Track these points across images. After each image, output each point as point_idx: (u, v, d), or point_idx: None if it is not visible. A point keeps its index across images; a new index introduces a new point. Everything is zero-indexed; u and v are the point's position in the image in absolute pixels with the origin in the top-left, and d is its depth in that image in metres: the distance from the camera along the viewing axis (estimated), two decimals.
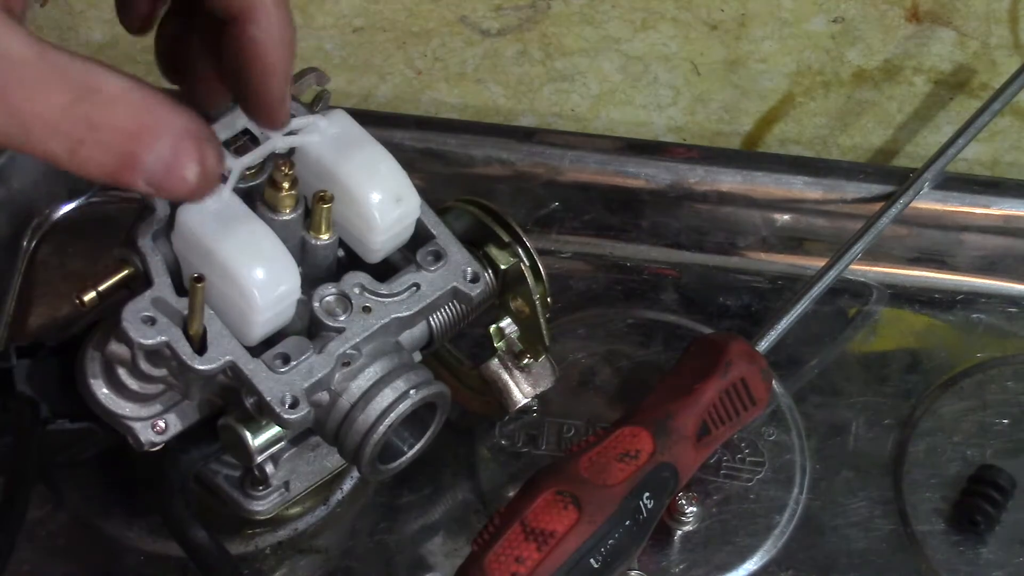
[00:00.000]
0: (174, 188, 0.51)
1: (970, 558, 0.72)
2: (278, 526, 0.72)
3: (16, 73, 0.47)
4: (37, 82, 0.47)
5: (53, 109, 0.47)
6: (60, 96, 0.47)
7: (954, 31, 0.87)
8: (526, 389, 0.72)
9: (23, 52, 0.47)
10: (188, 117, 0.51)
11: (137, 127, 0.49)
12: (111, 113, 0.48)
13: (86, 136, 0.48)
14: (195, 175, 0.51)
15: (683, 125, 0.90)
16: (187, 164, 0.50)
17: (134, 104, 0.49)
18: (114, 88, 0.49)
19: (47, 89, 0.47)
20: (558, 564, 0.64)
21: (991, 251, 0.83)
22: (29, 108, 0.47)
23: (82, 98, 0.48)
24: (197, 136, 0.51)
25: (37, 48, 0.47)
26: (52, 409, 0.67)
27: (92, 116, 0.48)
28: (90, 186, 0.83)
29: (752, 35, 0.87)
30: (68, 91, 0.48)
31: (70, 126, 0.48)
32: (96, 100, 0.48)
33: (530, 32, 0.87)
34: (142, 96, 0.49)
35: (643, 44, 0.87)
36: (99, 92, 0.48)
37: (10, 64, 0.47)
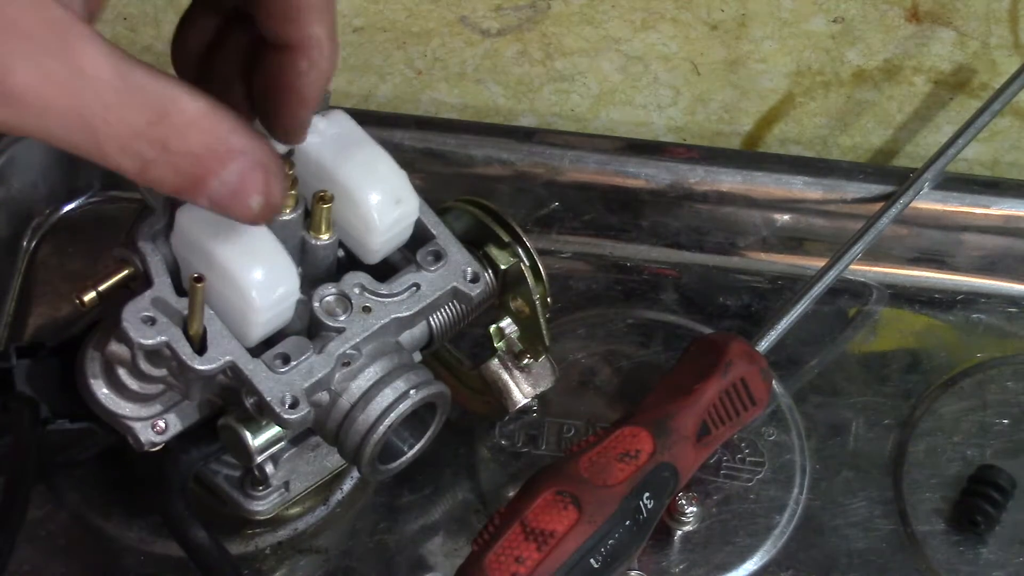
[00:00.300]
0: (236, 213, 0.52)
1: (970, 558, 0.72)
2: (278, 526, 0.72)
3: (94, 91, 0.47)
4: (115, 102, 0.47)
5: (128, 129, 0.48)
6: (136, 117, 0.48)
7: (954, 31, 0.87)
8: (526, 389, 0.72)
9: (103, 70, 0.47)
10: (259, 146, 0.51)
11: (209, 152, 0.50)
12: (184, 137, 0.49)
13: (158, 157, 0.49)
14: (258, 205, 0.52)
15: (683, 125, 0.90)
16: (252, 194, 0.51)
17: (208, 129, 0.49)
18: (190, 111, 0.49)
19: (124, 110, 0.47)
20: (558, 564, 0.64)
21: (991, 251, 0.83)
22: (104, 127, 0.47)
23: (158, 120, 0.48)
24: (265, 167, 0.51)
25: (117, 65, 0.47)
26: (52, 409, 0.67)
27: (166, 139, 0.49)
28: (90, 186, 0.83)
29: (752, 35, 0.87)
30: (145, 112, 0.48)
31: (143, 147, 0.48)
32: (171, 123, 0.48)
33: (530, 32, 0.87)
34: (217, 121, 0.50)
35: (643, 44, 0.88)
36: (175, 115, 0.49)
37: (89, 82, 0.47)
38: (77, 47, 0.46)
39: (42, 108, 0.46)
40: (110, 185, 0.83)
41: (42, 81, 0.46)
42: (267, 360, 0.60)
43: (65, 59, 0.46)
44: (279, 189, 0.52)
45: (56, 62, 0.46)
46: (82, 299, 0.61)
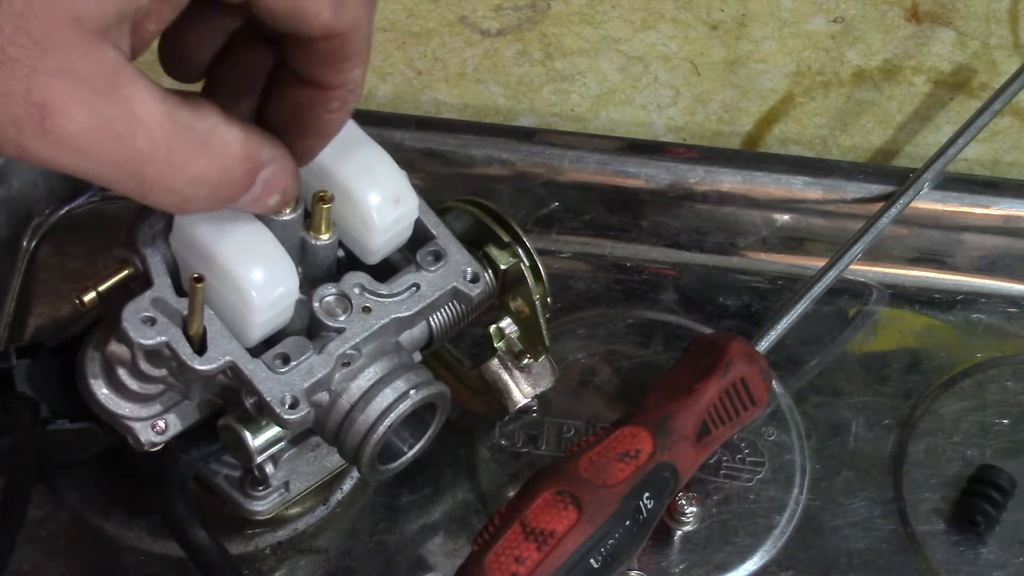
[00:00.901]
0: (256, 210, 0.55)
1: (970, 558, 0.72)
2: (278, 526, 0.72)
3: (146, 135, 0.47)
4: (163, 145, 0.48)
5: (174, 171, 0.49)
6: (182, 158, 0.49)
7: (954, 31, 0.87)
8: (526, 389, 0.72)
9: (153, 112, 0.48)
10: (280, 152, 0.53)
11: (244, 178, 0.52)
12: (223, 170, 0.51)
13: (197, 193, 0.50)
14: (276, 202, 0.55)
15: (683, 125, 0.90)
16: (273, 196, 0.54)
17: (243, 158, 0.51)
18: (231, 144, 0.51)
19: (171, 152, 0.48)
20: (558, 564, 0.64)
21: (991, 251, 0.83)
22: (152, 171, 0.48)
23: (200, 158, 0.49)
24: (286, 169, 0.54)
25: (164, 104, 0.48)
26: (52, 409, 0.67)
27: (204, 175, 0.50)
28: (90, 186, 0.83)
29: (752, 35, 0.87)
30: (190, 152, 0.49)
31: (185, 185, 0.50)
32: (212, 157, 0.50)
33: (530, 32, 0.87)
34: (251, 146, 0.52)
35: (643, 44, 0.87)
36: (217, 149, 0.50)
37: (140, 126, 0.47)
38: (128, 90, 0.47)
39: (94, 153, 0.47)
40: None
41: (97, 127, 0.46)
42: (267, 360, 0.60)
43: (117, 103, 0.47)
44: (295, 187, 0.55)
45: (110, 107, 0.46)
46: (82, 299, 0.61)
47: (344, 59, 0.53)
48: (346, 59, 0.53)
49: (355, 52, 0.53)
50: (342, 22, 0.52)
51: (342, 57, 0.53)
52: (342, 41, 0.52)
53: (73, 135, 0.46)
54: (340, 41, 0.52)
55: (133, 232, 0.61)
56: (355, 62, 0.54)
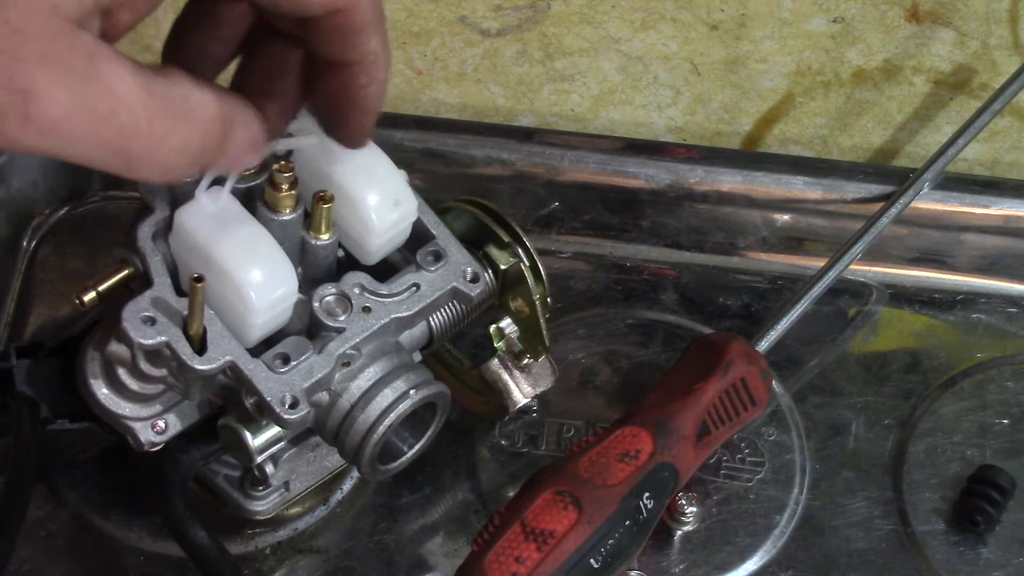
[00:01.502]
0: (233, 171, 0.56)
1: (970, 558, 0.72)
2: (278, 526, 0.72)
3: (126, 111, 0.48)
4: (144, 118, 0.48)
5: (155, 141, 0.49)
6: (163, 128, 0.49)
7: (954, 31, 0.87)
8: (526, 389, 0.72)
9: (130, 87, 0.48)
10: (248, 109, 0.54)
11: (222, 139, 0.52)
12: (203, 133, 0.51)
13: (177, 162, 0.50)
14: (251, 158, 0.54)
15: (683, 125, 0.90)
16: (247, 153, 0.54)
17: (220, 119, 0.51)
18: (208, 107, 0.51)
19: (152, 124, 0.49)
20: (558, 564, 0.64)
21: (991, 251, 0.83)
22: (136, 147, 0.49)
23: (178, 126, 0.50)
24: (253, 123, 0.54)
25: (140, 80, 0.48)
26: (52, 409, 0.67)
27: (186, 143, 0.50)
28: (90, 186, 0.83)
29: (752, 35, 0.87)
30: (170, 121, 0.49)
31: (168, 157, 0.50)
32: (191, 123, 0.50)
33: (530, 32, 0.87)
34: (225, 108, 0.52)
35: (643, 44, 0.87)
36: (194, 113, 0.50)
37: (120, 103, 0.48)
38: (105, 69, 0.47)
39: (79, 135, 0.47)
40: (110, 185, 0.83)
41: (79, 109, 0.47)
42: (267, 360, 0.60)
43: (97, 83, 0.47)
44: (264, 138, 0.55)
45: (90, 88, 0.47)
46: (82, 299, 0.61)
47: (355, 33, 0.54)
48: (357, 32, 0.54)
49: (365, 24, 0.53)
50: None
51: (352, 31, 0.53)
52: (346, 16, 0.53)
53: (57, 119, 0.46)
54: (345, 16, 0.53)
55: (133, 232, 0.61)
56: (369, 33, 0.54)
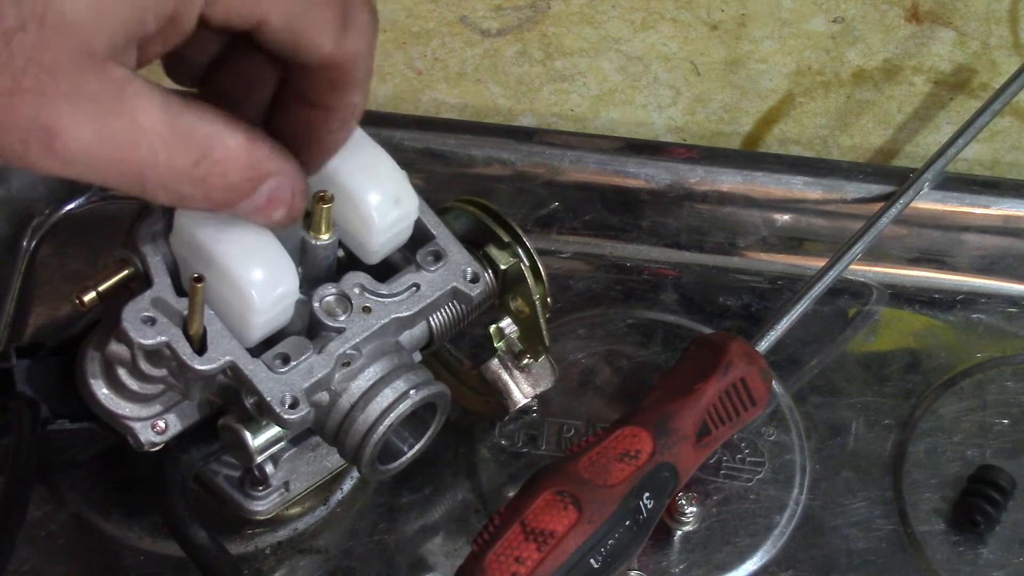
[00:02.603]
0: (260, 221, 0.56)
1: (970, 558, 0.72)
2: (278, 526, 0.72)
3: (147, 142, 0.49)
4: (163, 149, 0.49)
5: (173, 173, 0.50)
6: (182, 160, 0.50)
7: (954, 31, 0.87)
8: (526, 389, 0.72)
9: (156, 120, 0.49)
10: (289, 166, 0.54)
11: (242, 184, 0.52)
12: (222, 174, 0.51)
13: (195, 192, 0.51)
14: (281, 216, 0.55)
15: (683, 125, 0.90)
16: (277, 209, 0.54)
17: (245, 164, 0.52)
18: (231, 149, 0.51)
19: (172, 155, 0.50)
20: (558, 564, 0.64)
21: (991, 251, 0.83)
22: (151, 173, 0.49)
23: (199, 162, 0.50)
24: (293, 185, 0.54)
25: (167, 111, 0.49)
26: (52, 409, 0.67)
27: (205, 178, 0.51)
28: (90, 187, 0.83)
29: (752, 35, 0.87)
30: (189, 156, 0.50)
31: (184, 186, 0.51)
32: (211, 162, 0.51)
33: (530, 32, 0.87)
34: (254, 155, 0.52)
35: (643, 44, 0.87)
36: (216, 154, 0.51)
37: (143, 134, 0.49)
38: (133, 103, 0.48)
39: (98, 165, 0.48)
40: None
41: (102, 142, 0.48)
42: (267, 360, 0.60)
43: (122, 116, 0.48)
44: (302, 202, 0.55)
45: (115, 120, 0.48)
46: (82, 299, 0.61)
47: (344, 86, 0.54)
48: (345, 86, 0.54)
49: (356, 80, 0.54)
50: (343, 54, 0.53)
51: (342, 85, 0.54)
52: (342, 71, 0.54)
53: (77, 152, 0.48)
54: (341, 71, 0.54)
55: (133, 232, 0.61)
56: (356, 89, 0.55)
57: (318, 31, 0.52)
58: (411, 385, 0.63)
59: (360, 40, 0.53)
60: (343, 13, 0.52)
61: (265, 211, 0.54)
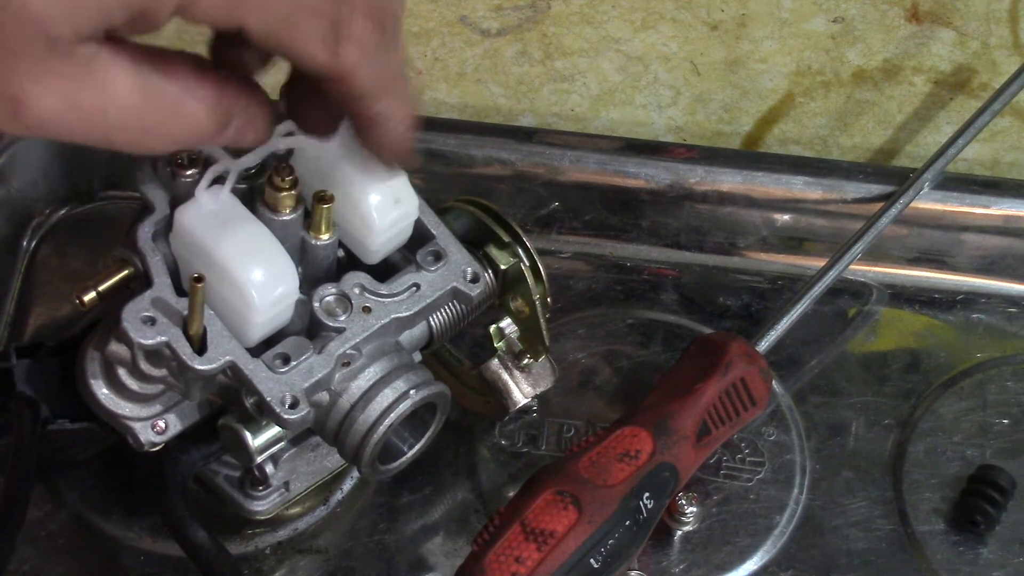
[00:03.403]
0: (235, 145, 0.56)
1: (970, 558, 0.72)
2: (278, 526, 0.72)
3: (115, 106, 0.49)
4: (132, 114, 0.50)
5: (140, 132, 0.51)
6: (150, 121, 0.51)
7: (954, 31, 0.87)
8: (526, 389, 0.72)
9: (124, 88, 0.49)
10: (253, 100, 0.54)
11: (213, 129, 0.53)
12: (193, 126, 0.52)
13: (165, 145, 0.52)
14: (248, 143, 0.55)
15: (683, 125, 0.90)
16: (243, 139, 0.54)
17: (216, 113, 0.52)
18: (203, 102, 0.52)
19: (140, 119, 0.50)
20: (558, 564, 0.64)
21: (991, 251, 0.83)
22: (119, 134, 0.50)
23: (168, 119, 0.51)
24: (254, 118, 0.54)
25: (137, 79, 0.50)
26: (52, 409, 0.67)
27: (174, 132, 0.52)
28: (90, 187, 0.83)
29: (752, 35, 0.87)
30: (158, 115, 0.51)
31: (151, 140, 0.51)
32: (180, 117, 0.51)
33: (530, 32, 0.87)
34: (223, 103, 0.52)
35: (643, 44, 0.87)
36: (185, 109, 0.51)
37: (110, 99, 0.49)
38: (101, 73, 0.49)
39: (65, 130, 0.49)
40: (110, 185, 0.83)
41: (68, 110, 0.48)
42: (267, 360, 0.60)
43: (89, 86, 0.49)
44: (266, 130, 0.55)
45: (82, 90, 0.48)
46: (82, 299, 0.61)
47: (354, 98, 0.54)
48: (358, 97, 0.54)
49: (364, 91, 0.53)
50: (339, 66, 0.52)
51: (352, 96, 0.54)
52: (343, 83, 0.53)
53: (44, 119, 0.48)
54: (341, 83, 0.53)
55: (133, 232, 0.61)
56: (371, 99, 0.54)
57: (305, 41, 0.51)
58: (411, 385, 0.63)
59: (357, 52, 0.52)
60: (335, 25, 0.51)
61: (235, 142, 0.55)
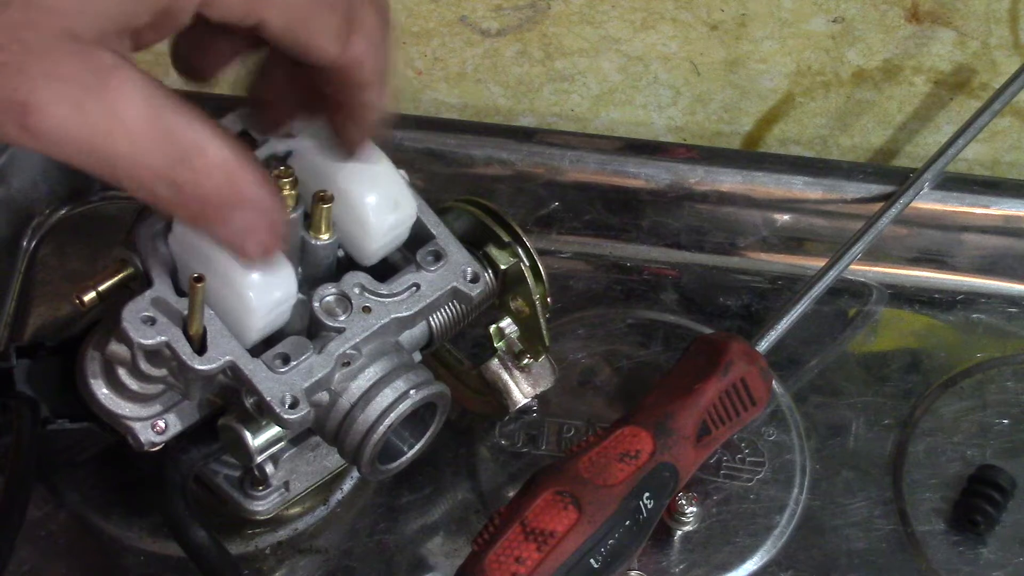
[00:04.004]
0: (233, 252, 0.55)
1: (970, 558, 0.72)
2: (278, 526, 0.72)
3: (124, 131, 0.48)
4: (142, 146, 0.49)
5: (147, 170, 0.49)
6: (159, 161, 0.49)
7: (954, 31, 0.87)
8: (526, 389, 0.72)
9: (136, 111, 0.48)
10: (269, 197, 0.53)
11: (217, 200, 0.51)
12: (197, 184, 0.50)
13: (169, 196, 0.50)
14: (255, 251, 0.54)
15: (683, 125, 0.90)
16: (251, 241, 0.53)
17: (224, 180, 0.51)
18: (212, 158, 0.50)
19: (149, 154, 0.49)
20: (558, 564, 0.64)
21: (991, 251, 0.83)
22: (127, 166, 0.49)
23: (178, 164, 0.50)
24: (271, 219, 0.53)
25: (151, 106, 0.49)
26: (52, 409, 0.67)
27: (180, 184, 0.50)
28: (90, 187, 0.83)
29: (752, 35, 0.87)
30: (168, 157, 0.49)
31: (159, 186, 0.50)
32: (188, 168, 0.50)
33: (530, 32, 0.87)
34: (236, 175, 0.51)
35: (643, 44, 0.87)
36: (197, 160, 0.50)
37: (119, 123, 0.48)
38: (116, 90, 0.48)
39: (70, 146, 0.48)
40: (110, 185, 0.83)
41: (75, 125, 0.48)
42: (267, 360, 0.60)
43: (102, 102, 0.48)
44: (277, 242, 0.54)
45: (94, 105, 0.48)
46: (82, 299, 0.61)
47: (353, 87, 0.55)
48: (356, 87, 0.55)
49: (365, 81, 0.55)
50: (349, 58, 0.53)
51: (351, 85, 0.55)
52: (350, 73, 0.54)
53: (50, 130, 0.48)
54: (348, 73, 0.54)
55: (133, 232, 0.61)
56: (366, 88, 0.55)
57: (321, 35, 0.52)
58: (411, 385, 0.63)
59: (366, 43, 0.54)
60: (347, 17, 0.52)
61: (238, 242, 0.53)
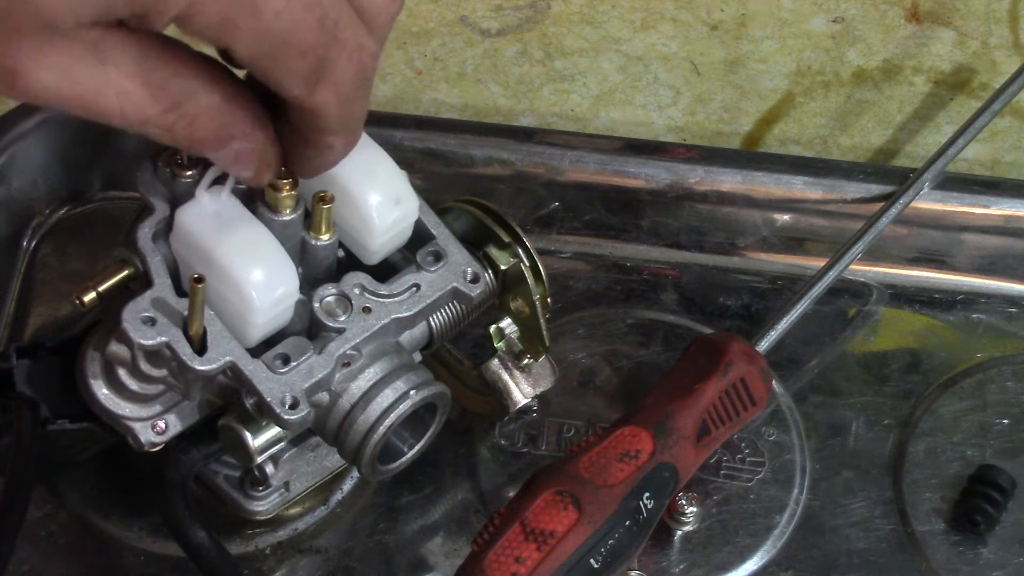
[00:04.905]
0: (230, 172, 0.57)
1: (970, 558, 0.72)
2: (278, 526, 0.72)
3: (113, 92, 0.50)
4: (133, 100, 0.50)
5: (140, 117, 0.51)
6: (151, 111, 0.51)
7: (954, 31, 0.87)
8: (526, 389, 0.72)
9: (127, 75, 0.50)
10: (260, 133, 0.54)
11: (211, 139, 0.53)
12: (189, 126, 0.52)
13: (161, 135, 0.52)
14: (247, 176, 0.55)
15: (683, 125, 0.90)
16: (243, 169, 0.55)
17: (215, 123, 0.52)
18: (203, 107, 0.52)
19: (141, 106, 0.50)
20: (558, 564, 0.64)
21: (991, 251, 0.83)
22: (119, 117, 0.50)
23: (168, 112, 0.51)
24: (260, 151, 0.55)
25: (142, 67, 0.50)
26: (52, 409, 0.67)
27: (172, 126, 0.51)
28: (90, 187, 0.83)
29: (752, 35, 0.87)
30: (160, 106, 0.51)
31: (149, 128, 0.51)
32: (180, 114, 0.51)
33: (530, 32, 0.87)
34: (226, 117, 0.53)
35: (643, 44, 0.87)
36: (188, 107, 0.51)
37: (108, 84, 0.49)
38: (105, 58, 0.49)
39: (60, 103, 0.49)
40: (110, 185, 0.83)
41: (67, 88, 0.49)
42: (267, 360, 0.60)
43: (92, 68, 0.49)
44: (267, 170, 0.56)
45: (84, 71, 0.49)
46: (82, 299, 0.61)
47: (314, 129, 0.55)
48: (318, 128, 0.54)
49: (327, 127, 0.54)
50: (311, 103, 0.53)
51: (311, 127, 0.54)
52: (311, 115, 0.54)
53: (39, 91, 0.49)
54: (309, 116, 0.54)
55: (133, 232, 0.61)
56: (329, 132, 0.55)
57: (287, 77, 0.51)
58: (411, 385, 0.63)
59: (333, 94, 0.53)
60: (318, 65, 0.51)
61: (232, 167, 0.55)
